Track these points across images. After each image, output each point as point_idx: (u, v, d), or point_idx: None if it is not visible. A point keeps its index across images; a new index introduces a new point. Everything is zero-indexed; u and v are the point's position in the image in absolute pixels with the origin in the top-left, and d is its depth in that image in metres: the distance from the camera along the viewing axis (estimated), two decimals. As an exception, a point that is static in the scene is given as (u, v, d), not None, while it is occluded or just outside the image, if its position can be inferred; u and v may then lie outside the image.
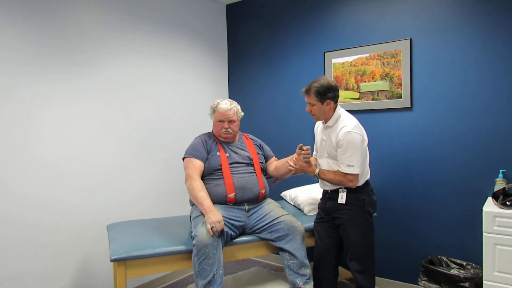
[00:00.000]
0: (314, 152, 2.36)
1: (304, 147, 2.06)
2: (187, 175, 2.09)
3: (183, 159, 2.19)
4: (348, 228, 2.05)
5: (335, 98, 2.06)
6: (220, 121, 2.20)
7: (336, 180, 2.01)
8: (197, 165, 2.10)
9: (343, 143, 1.97)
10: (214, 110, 2.23)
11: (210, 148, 2.18)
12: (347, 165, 1.97)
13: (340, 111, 2.10)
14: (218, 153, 2.16)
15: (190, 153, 2.15)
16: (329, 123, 2.08)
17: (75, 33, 2.29)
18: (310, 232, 2.23)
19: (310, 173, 2.09)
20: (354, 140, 1.96)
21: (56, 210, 2.19)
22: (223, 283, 1.85)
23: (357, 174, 1.99)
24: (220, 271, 1.83)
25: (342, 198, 2.05)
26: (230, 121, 2.20)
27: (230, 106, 2.20)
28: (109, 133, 2.50)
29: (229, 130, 2.20)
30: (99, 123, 2.44)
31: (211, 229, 1.83)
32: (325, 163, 2.13)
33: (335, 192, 2.08)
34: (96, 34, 2.41)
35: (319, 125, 2.27)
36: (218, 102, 2.24)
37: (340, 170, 2.00)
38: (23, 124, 2.04)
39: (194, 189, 2.01)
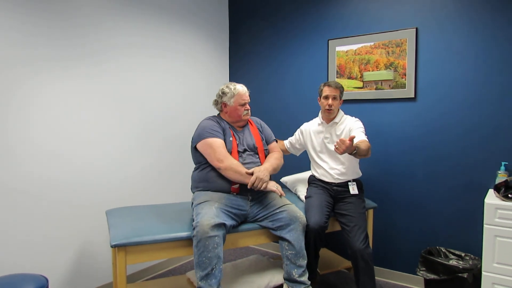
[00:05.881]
0: (298, 147, 2.60)
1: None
2: (218, 157, 1.97)
3: (196, 142, 2.07)
4: (355, 206, 2.24)
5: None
6: (242, 104, 2.15)
7: (368, 147, 2.10)
8: (223, 144, 2.02)
9: (357, 124, 2.30)
10: (233, 94, 2.13)
11: (224, 131, 2.10)
12: (365, 136, 2.23)
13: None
14: (230, 139, 2.09)
15: (211, 133, 2.03)
16: (336, 120, 2.36)
17: (74, 16, 2.23)
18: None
19: (353, 150, 1.97)
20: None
21: (54, 197, 2.17)
22: (221, 277, 1.81)
23: None
24: (220, 266, 1.79)
25: (354, 189, 2.30)
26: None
27: (245, 88, 2.21)
28: (111, 121, 2.46)
29: (249, 111, 2.21)
30: (101, 112, 2.39)
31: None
32: (331, 159, 2.34)
33: (344, 185, 2.32)
34: (99, 22, 2.34)
35: (309, 128, 2.49)
36: (234, 87, 2.16)
37: (364, 139, 2.18)
38: (20, 112, 2.00)
39: (238, 166, 1.97)
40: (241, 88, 2.17)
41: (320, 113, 2.46)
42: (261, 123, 2.36)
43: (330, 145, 2.34)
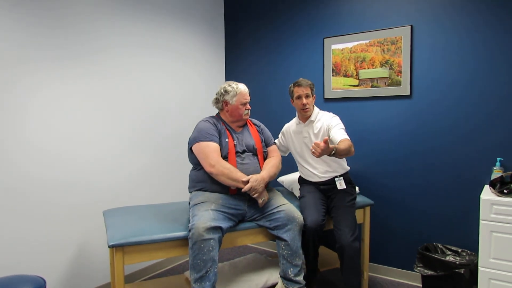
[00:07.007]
0: (283, 149, 2.57)
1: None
2: (209, 163, 1.96)
3: (191, 144, 2.07)
4: (341, 200, 2.23)
5: None
6: (243, 103, 2.14)
7: (349, 145, 2.04)
8: (217, 149, 2.01)
9: (334, 121, 2.26)
10: (236, 93, 2.12)
11: (220, 133, 2.09)
12: (345, 134, 2.19)
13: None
14: (227, 140, 2.08)
15: (206, 137, 2.02)
16: (312, 118, 2.32)
17: (70, 15, 2.22)
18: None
19: (330, 151, 1.93)
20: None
21: (51, 197, 2.16)
22: (216, 280, 1.80)
23: None
24: (215, 269, 1.78)
25: (341, 185, 2.27)
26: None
27: (246, 87, 2.20)
28: (108, 121, 2.45)
29: (249, 110, 2.20)
30: (98, 112, 2.39)
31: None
32: (313, 159, 2.31)
33: (331, 182, 2.30)
34: (96, 23, 2.33)
35: (289, 129, 2.46)
36: (236, 86, 2.15)
37: (344, 138, 2.14)
38: (16, 112, 1.99)
39: (231, 172, 1.95)
40: (243, 88, 2.17)
41: (297, 113, 2.44)
42: (261, 125, 2.35)
43: (310, 144, 2.29)
